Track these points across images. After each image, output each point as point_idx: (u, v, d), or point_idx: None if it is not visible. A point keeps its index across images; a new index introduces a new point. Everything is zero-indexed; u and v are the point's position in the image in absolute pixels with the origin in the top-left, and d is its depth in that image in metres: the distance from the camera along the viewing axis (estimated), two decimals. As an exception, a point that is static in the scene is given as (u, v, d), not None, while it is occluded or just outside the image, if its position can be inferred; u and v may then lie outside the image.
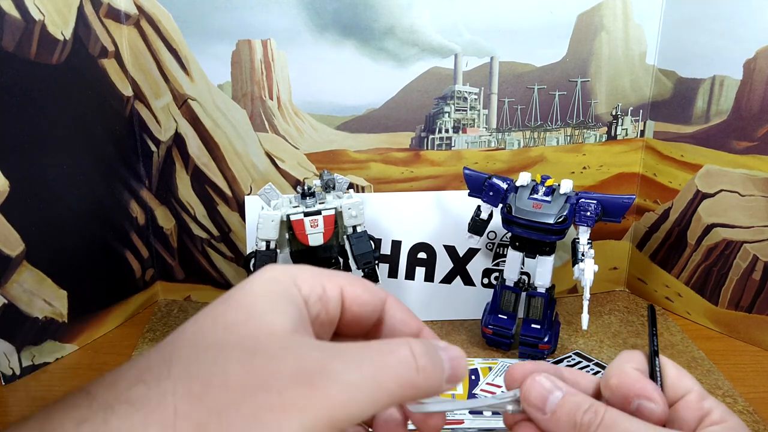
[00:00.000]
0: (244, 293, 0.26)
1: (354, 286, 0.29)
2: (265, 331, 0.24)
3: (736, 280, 0.81)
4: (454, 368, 0.27)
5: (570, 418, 0.29)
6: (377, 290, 0.30)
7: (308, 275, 0.27)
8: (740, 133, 0.77)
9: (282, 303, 0.25)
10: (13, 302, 0.71)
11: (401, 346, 0.25)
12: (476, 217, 0.77)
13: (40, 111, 0.71)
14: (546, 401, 0.30)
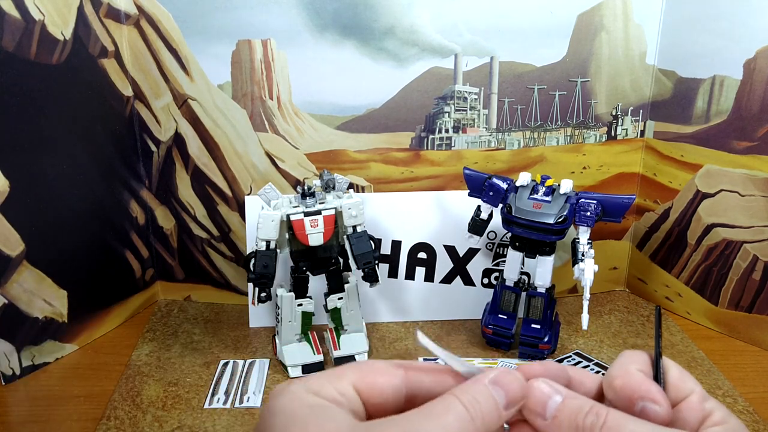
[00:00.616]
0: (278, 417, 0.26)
1: (366, 376, 0.28)
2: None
3: (736, 280, 0.81)
4: (507, 391, 0.28)
5: (571, 422, 0.29)
6: (390, 368, 0.29)
7: (318, 383, 0.27)
8: (740, 133, 0.77)
9: (320, 410, 0.26)
10: (13, 302, 0.71)
11: (451, 402, 0.26)
12: (476, 217, 0.77)
13: (40, 111, 0.71)
14: (546, 406, 0.29)
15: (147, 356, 0.77)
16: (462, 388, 0.27)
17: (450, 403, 0.26)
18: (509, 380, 0.28)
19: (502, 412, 0.27)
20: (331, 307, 0.76)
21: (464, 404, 0.26)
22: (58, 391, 0.71)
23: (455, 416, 0.26)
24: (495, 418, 0.27)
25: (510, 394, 0.28)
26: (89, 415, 0.66)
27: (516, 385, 0.28)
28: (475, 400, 0.26)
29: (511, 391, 0.28)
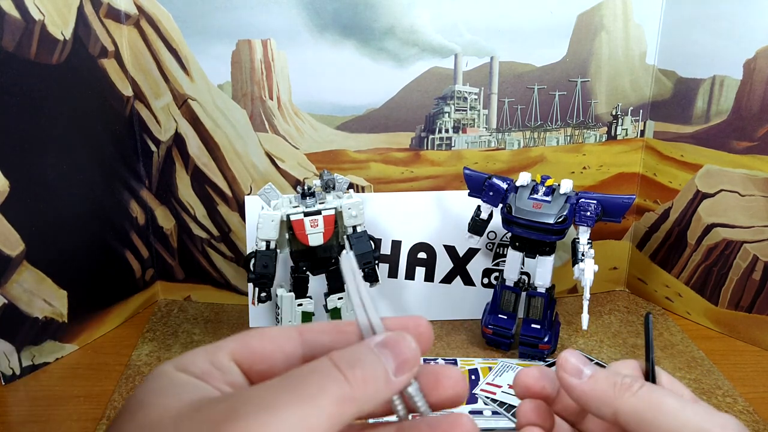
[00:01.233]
0: (128, 401, 0.23)
1: (248, 344, 0.25)
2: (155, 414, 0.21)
3: (736, 280, 0.81)
4: (399, 355, 0.23)
5: (609, 379, 0.29)
6: (282, 332, 0.26)
7: (192, 357, 0.25)
8: (740, 133, 0.77)
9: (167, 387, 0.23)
10: (13, 302, 0.71)
11: (322, 363, 0.22)
12: (476, 217, 0.77)
13: (40, 111, 0.71)
14: (584, 365, 0.30)
15: (147, 356, 0.77)
16: (343, 352, 0.23)
17: (324, 368, 0.22)
18: (399, 341, 0.24)
19: (391, 378, 0.23)
20: (331, 307, 0.76)
21: (341, 369, 0.22)
22: (58, 391, 0.71)
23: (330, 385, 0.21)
24: (382, 385, 0.23)
25: (400, 356, 0.23)
26: (89, 415, 0.66)
27: (407, 346, 0.24)
28: (356, 361, 0.22)
29: (401, 353, 0.24)
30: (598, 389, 0.29)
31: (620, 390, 0.29)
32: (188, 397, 0.22)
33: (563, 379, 0.30)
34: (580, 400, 0.30)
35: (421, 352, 0.25)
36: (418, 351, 0.24)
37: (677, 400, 0.28)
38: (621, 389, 0.29)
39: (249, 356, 0.25)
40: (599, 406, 0.29)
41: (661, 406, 0.28)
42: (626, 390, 0.29)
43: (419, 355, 0.24)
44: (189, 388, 0.23)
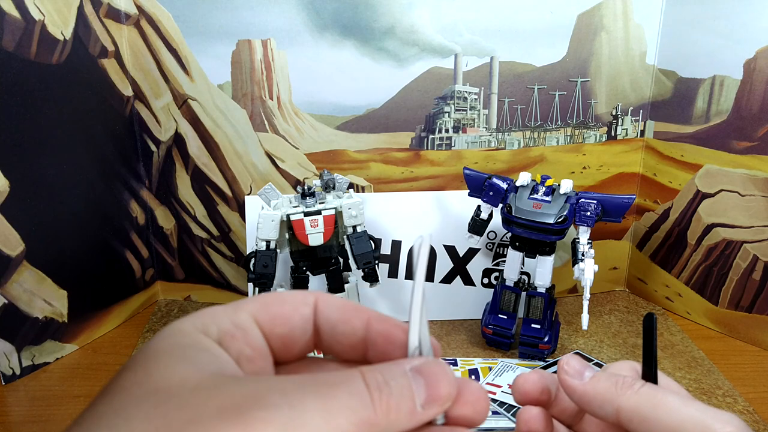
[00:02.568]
0: (142, 353, 0.22)
1: (269, 306, 0.25)
2: (173, 382, 0.20)
3: (736, 280, 0.81)
4: (432, 388, 0.22)
5: (610, 380, 0.30)
6: (300, 297, 0.26)
7: (213, 316, 0.24)
8: (740, 133, 0.77)
9: (188, 351, 0.22)
10: (13, 302, 0.71)
11: (352, 377, 0.21)
12: (476, 217, 0.77)
13: (40, 111, 0.71)
14: (585, 368, 0.31)
15: (147, 356, 0.77)
16: (375, 370, 0.21)
17: (353, 383, 0.21)
18: (437, 372, 0.22)
19: (417, 410, 0.21)
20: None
21: (369, 386, 0.21)
22: (58, 391, 0.71)
23: (354, 404, 0.20)
24: (406, 416, 0.21)
25: (433, 389, 0.22)
26: (89, 415, 0.66)
27: (444, 380, 0.22)
28: (385, 385, 0.21)
29: (435, 386, 0.22)
30: (600, 389, 0.30)
31: (622, 388, 0.29)
32: (209, 368, 0.21)
33: (565, 382, 0.31)
34: (581, 401, 0.31)
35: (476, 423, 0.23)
36: (455, 387, 0.22)
37: (679, 398, 0.28)
38: (623, 387, 0.29)
39: (269, 319, 0.25)
40: (601, 405, 0.29)
41: (663, 404, 0.28)
42: (628, 388, 0.29)
43: (455, 391, 0.22)
44: (209, 356, 0.22)
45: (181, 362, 0.21)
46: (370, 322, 0.25)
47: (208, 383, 0.20)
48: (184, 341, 0.22)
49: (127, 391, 0.20)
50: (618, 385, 0.29)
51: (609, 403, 0.29)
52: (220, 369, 0.22)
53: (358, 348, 0.25)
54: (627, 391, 0.29)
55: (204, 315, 0.24)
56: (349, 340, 0.25)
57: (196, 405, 0.19)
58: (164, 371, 0.21)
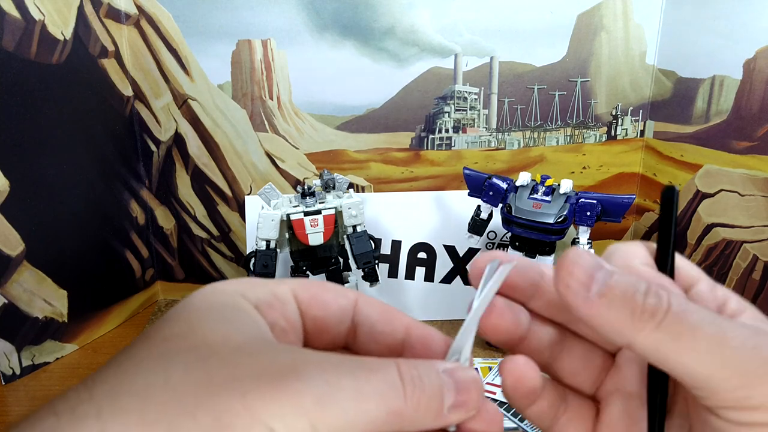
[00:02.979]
0: (184, 308, 0.22)
1: (310, 287, 0.25)
2: (215, 339, 0.20)
3: (736, 280, 0.81)
4: (462, 394, 0.22)
5: (626, 303, 0.21)
6: (342, 290, 0.26)
7: (252, 284, 0.24)
8: (740, 133, 0.77)
9: (230, 312, 0.22)
10: (13, 302, 0.71)
11: (388, 366, 0.21)
12: (476, 217, 0.77)
13: (40, 111, 0.71)
14: (592, 278, 0.22)
15: (147, 356, 0.77)
16: (411, 364, 0.21)
17: (389, 373, 0.21)
18: (469, 379, 0.22)
19: (444, 412, 0.21)
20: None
21: (403, 378, 0.21)
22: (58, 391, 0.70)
23: (388, 394, 0.20)
24: (432, 415, 0.21)
25: (463, 395, 0.22)
26: (89, 415, 0.66)
27: (475, 388, 0.22)
28: (419, 380, 0.21)
29: (465, 392, 0.22)
30: (611, 318, 0.22)
31: (641, 320, 0.21)
32: (250, 331, 0.21)
33: (566, 297, 0.22)
34: (586, 321, 0.23)
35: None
36: (483, 394, 0.23)
37: (716, 328, 0.21)
38: (642, 319, 0.21)
39: (309, 298, 0.25)
40: (610, 335, 0.22)
41: (693, 342, 0.20)
42: (649, 319, 0.21)
43: (482, 397, 0.23)
44: (249, 320, 0.22)
45: (222, 321, 0.21)
46: (410, 326, 0.25)
47: (249, 346, 0.20)
48: (225, 301, 0.22)
49: (168, 341, 0.20)
50: (636, 314, 0.21)
51: (621, 336, 0.22)
52: (261, 334, 0.22)
53: (394, 351, 0.25)
54: (647, 325, 0.21)
55: (243, 281, 0.24)
56: (387, 341, 0.25)
57: (236, 365, 0.19)
58: (206, 328, 0.21)
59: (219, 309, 0.22)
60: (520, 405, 0.25)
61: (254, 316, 0.22)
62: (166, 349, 0.20)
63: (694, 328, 0.21)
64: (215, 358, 0.19)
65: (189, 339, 0.20)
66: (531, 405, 0.25)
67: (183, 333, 0.21)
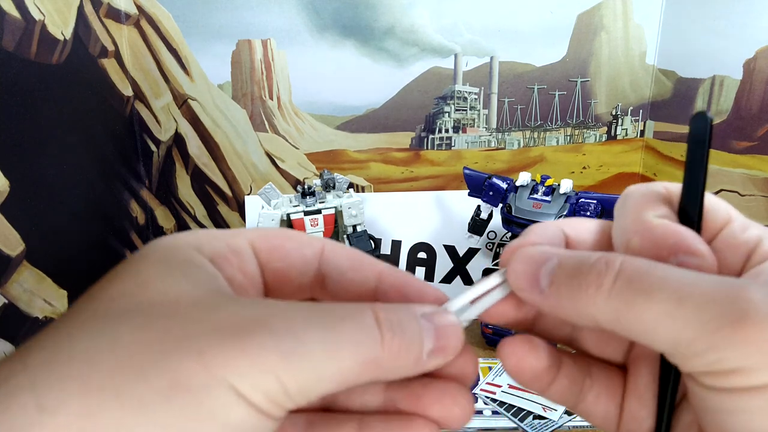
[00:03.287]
0: (133, 263, 0.20)
1: (269, 237, 0.23)
2: (168, 296, 0.19)
3: (736, 280, 0.81)
4: (441, 339, 0.21)
5: (573, 281, 0.20)
6: (307, 238, 0.23)
7: (208, 236, 0.22)
8: (740, 133, 0.77)
9: (184, 266, 0.20)
10: (13, 302, 0.71)
11: (362, 312, 0.19)
12: (476, 217, 0.77)
13: (40, 111, 0.71)
14: (538, 277, 0.21)
15: (147, 356, 0.77)
16: (387, 309, 0.20)
17: (363, 320, 0.19)
18: (449, 323, 0.21)
19: (423, 358, 0.20)
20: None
21: (380, 324, 0.19)
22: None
23: (359, 336, 0.19)
24: (412, 362, 0.20)
25: (442, 340, 0.21)
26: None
27: (454, 333, 0.21)
28: (398, 325, 0.20)
29: (444, 337, 0.21)
30: (567, 302, 0.20)
31: (588, 293, 0.19)
32: (206, 285, 0.19)
33: (523, 298, 0.22)
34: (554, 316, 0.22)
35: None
36: (462, 339, 0.21)
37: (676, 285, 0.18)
38: (589, 291, 0.19)
39: (269, 249, 0.22)
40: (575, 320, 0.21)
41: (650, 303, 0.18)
42: (597, 290, 0.19)
43: (461, 343, 0.21)
44: (205, 274, 0.20)
45: (176, 276, 0.19)
46: (383, 273, 0.23)
47: (206, 301, 0.19)
48: (178, 255, 0.20)
49: (115, 300, 0.18)
50: (582, 290, 0.19)
51: (581, 316, 0.20)
52: (218, 288, 0.20)
53: (366, 300, 0.23)
54: (597, 298, 0.19)
55: (198, 233, 0.22)
56: (358, 290, 0.23)
57: (191, 322, 0.18)
58: (158, 284, 0.19)
59: (172, 263, 0.20)
60: (533, 388, 0.23)
61: (210, 270, 0.20)
62: (113, 308, 0.18)
63: (650, 289, 0.18)
64: (168, 316, 0.18)
65: (138, 296, 0.18)
66: (548, 386, 0.23)
67: (131, 291, 0.19)
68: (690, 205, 0.21)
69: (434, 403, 0.22)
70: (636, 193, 0.22)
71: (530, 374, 0.23)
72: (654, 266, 0.19)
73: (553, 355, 0.23)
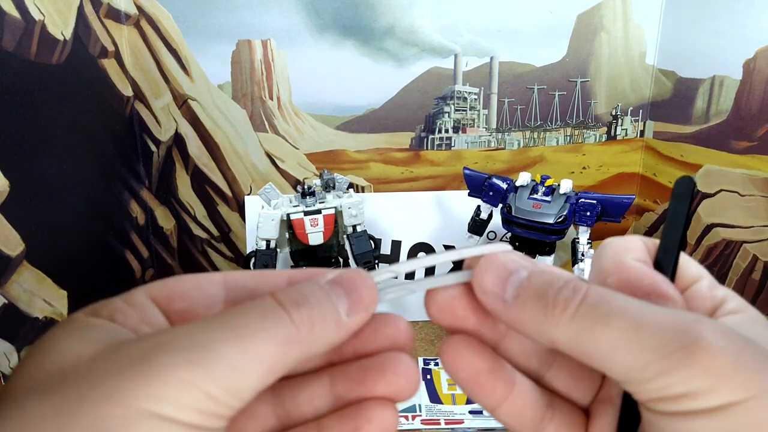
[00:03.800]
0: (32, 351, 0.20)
1: (164, 284, 0.23)
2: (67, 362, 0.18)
3: (736, 280, 0.81)
4: (353, 294, 0.21)
5: (539, 300, 0.20)
6: (203, 275, 0.23)
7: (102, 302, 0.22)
8: (740, 133, 0.77)
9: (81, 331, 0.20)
10: (13, 302, 0.71)
11: (262, 300, 0.20)
12: (476, 217, 0.77)
13: (40, 111, 0.71)
14: (506, 283, 0.22)
15: (147, 356, 0.77)
16: (287, 289, 0.20)
17: (265, 306, 0.19)
18: (355, 278, 0.21)
19: (343, 319, 0.20)
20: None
21: (284, 305, 0.19)
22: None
23: (272, 325, 0.19)
24: (332, 327, 0.20)
25: (354, 295, 0.21)
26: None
27: (363, 284, 0.21)
28: (303, 299, 0.20)
29: (355, 292, 0.21)
30: (528, 317, 0.21)
31: (553, 314, 0.20)
32: (105, 340, 0.19)
33: (484, 303, 0.22)
34: (509, 327, 0.23)
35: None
36: (375, 290, 0.22)
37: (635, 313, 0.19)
38: (554, 313, 0.20)
39: (167, 294, 0.22)
40: (532, 336, 0.21)
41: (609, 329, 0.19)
42: (562, 312, 0.20)
43: (376, 294, 0.22)
44: (104, 331, 0.20)
45: (72, 341, 0.19)
46: (291, 276, 0.23)
47: (104, 351, 0.18)
48: (74, 325, 0.20)
49: (19, 385, 0.18)
50: (548, 310, 0.20)
51: (540, 334, 0.21)
52: (120, 338, 0.19)
53: None
54: (560, 319, 0.20)
55: (95, 304, 0.22)
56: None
57: (94, 373, 0.17)
58: (56, 354, 0.19)
59: (66, 334, 0.20)
60: (481, 400, 0.23)
61: (110, 328, 0.20)
62: (19, 392, 0.18)
63: (611, 315, 0.19)
64: (70, 378, 0.18)
65: (39, 373, 0.18)
66: (499, 403, 0.23)
67: (31, 373, 0.19)
68: (667, 255, 0.22)
69: (378, 382, 0.22)
70: (616, 241, 0.23)
71: (467, 373, 0.23)
72: (616, 295, 0.20)
73: (502, 365, 0.23)
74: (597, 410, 0.24)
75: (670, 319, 0.19)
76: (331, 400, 0.23)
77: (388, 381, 0.22)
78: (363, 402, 0.22)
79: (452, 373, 0.23)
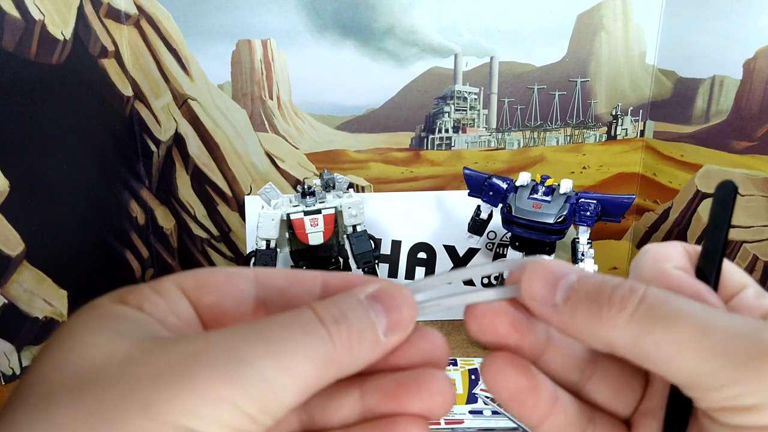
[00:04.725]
0: (57, 337, 0.19)
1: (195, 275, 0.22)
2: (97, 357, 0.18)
3: (736, 280, 0.81)
4: (393, 313, 0.20)
5: (593, 301, 0.20)
6: (236, 270, 0.23)
7: (130, 288, 0.21)
8: (740, 133, 0.77)
9: (109, 321, 0.19)
10: (13, 302, 0.71)
11: (302, 313, 0.19)
12: (476, 217, 0.77)
13: (40, 111, 0.71)
14: (556, 286, 0.21)
15: (147, 356, 0.77)
16: (327, 303, 0.19)
17: (305, 321, 0.19)
18: (395, 295, 0.20)
19: (381, 339, 0.20)
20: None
21: (323, 321, 0.19)
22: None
23: (311, 343, 0.18)
24: (369, 347, 0.19)
25: (393, 314, 0.20)
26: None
27: (404, 303, 0.20)
28: (342, 316, 0.19)
29: (395, 310, 0.20)
30: (581, 320, 0.20)
31: (610, 315, 0.19)
32: (135, 335, 0.18)
33: (533, 309, 0.22)
34: (561, 332, 0.22)
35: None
36: (416, 309, 0.21)
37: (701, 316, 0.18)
38: (611, 313, 0.19)
39: (197, 286, 0.21)
40: (586, 341, 0.20)
41: (673, 332, 0.18)
42: (619, 312, 0.19)
43: (416, 313, 0.21)
44: (133, 323, 0.19)
45: (102, 335, 0.18)
46: (326, 280, 0.23)
47: (138, 351, 0.18)
48: (101, 313, 0.19)
49: (46, 379, 0.18)
50: (604, 311, 0.19)
51: (596, 338, 0.20)
52: (149, 333, 0.19)
53: None
54: (618, 320, 0.19)
55: (121, 289, 0.21)
56: (304, 302, 0.22)
57: (128, 377, 0.17)
58: (85, 348, 0.18)
59: (94, 323, 0.19)
60: (524, 417, 0.22)
61: (138, 318, 0.19)
62: (46, 389, 0.17)
63: (674, 316, 0.18)
64: (102, 380, 0.17)
65: (67, 368, 0.18)
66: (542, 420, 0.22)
67: (59, 364, 0.18)
68: (709, 263, 0.21)
69: (413, 398, 0.21)
70: (655, 248, 0.22)
71: (510, 392, 0.22)
72: (677, 297, 0.19)
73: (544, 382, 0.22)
74: (638, 422, 0.23)
75: (741, 325, 0.18)
76: (359, 410, 0.22)
77: (424, 398, 0.21)
78: (395, 417, 0.21)
79: (494, 391, 0.22)
